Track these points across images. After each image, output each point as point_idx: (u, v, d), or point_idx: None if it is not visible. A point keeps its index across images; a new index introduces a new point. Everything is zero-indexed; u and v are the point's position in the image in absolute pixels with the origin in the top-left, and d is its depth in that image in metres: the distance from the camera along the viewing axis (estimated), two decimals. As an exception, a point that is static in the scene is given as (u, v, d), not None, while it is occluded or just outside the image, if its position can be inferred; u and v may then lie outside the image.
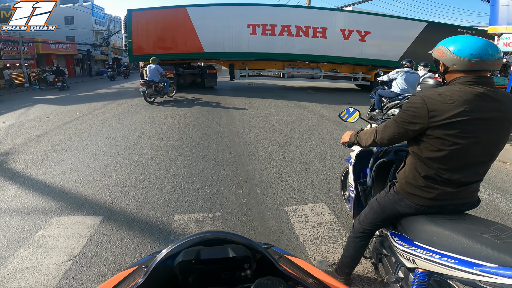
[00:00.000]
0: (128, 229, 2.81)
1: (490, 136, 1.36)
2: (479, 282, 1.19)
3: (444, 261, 1.30)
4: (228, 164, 4.43)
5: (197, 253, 0.83)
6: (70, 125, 7.06)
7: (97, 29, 32.65)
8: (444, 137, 1.35)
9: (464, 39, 1.38)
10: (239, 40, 12.96)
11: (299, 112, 8.78)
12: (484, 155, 1.41)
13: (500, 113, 1.34)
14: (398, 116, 1.46)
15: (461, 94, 1.31)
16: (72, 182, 3.85)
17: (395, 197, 1.60)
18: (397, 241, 1.61)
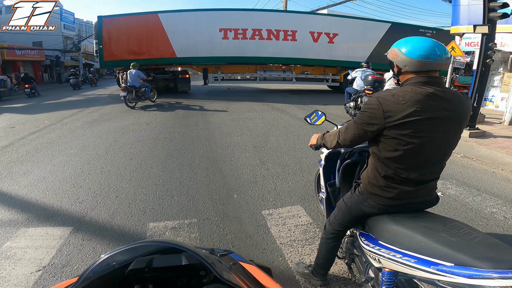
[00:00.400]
0: (100, 239, 2.73)
1: (441, 135, 1.40)
2: (438, 281, 1.22)
3: (405, 260, 1.32)
4: (204, 170, 4.39)
5: (149, 262, 0.83)
6: (37, 135, 6.72)
7: (67, 34, 31.40)
8: (399, 137, 1.38)
9: (414, 40, 1.43)
10: (211, 45, 13.17)
11: (276, 115, 8.88)
12: (438, 153, 1.46)
13: (450, 112, 1.39)
14: (357, 117, 1.51)
15: (413, 95, 1.36)
16: (39, 193, 3.67)
17: (360, 197, 1.64)
18: (364, 241, 1.64)
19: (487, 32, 6.15)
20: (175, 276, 0.86)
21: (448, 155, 1.51)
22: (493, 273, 1.05)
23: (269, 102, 11.59)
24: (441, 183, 3.95)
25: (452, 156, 4.99)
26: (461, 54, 10.58)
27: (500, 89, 9.46)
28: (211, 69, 14.23)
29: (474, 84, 6.63)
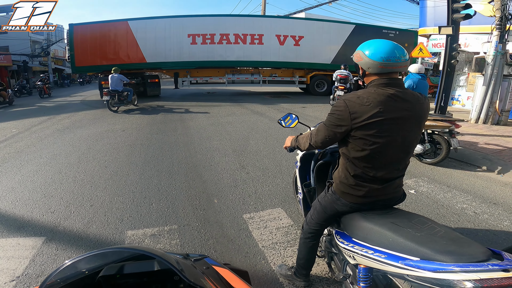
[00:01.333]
0: (75, 248, 2.64)
1: (403, 134, 1.48)
2: (406, 276, 1.27)
3: (376, 256, 1.39)
4: (183, 176, 4.32)
5: (120, 268, 0.82)
6: (4, 144, 6.34)
7: (35, 38, 30.00)
8: (365, 137, 1.45)
9: (376, 43, 1.50)
10: (180, 50, 13.61)
11: (256, 118, 8.92)
12: (401, 151, 1.53)
13: (410, 112, 1.47)
14: (327, 119, 1.57)
15: (375, 96, 1.43)
16: (8, 204, 3.47)
17: (333, 196, 1.69)
18: (339, 239, 1.70)
19: (451, 33, 6.51)
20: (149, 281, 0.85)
21: (411, 153, 1.60)
22: (455, 267, 1.12)
23: (249, 105, 11.64)
24: (414, 181, 4.13)
25: (423, 155, 5.11)
26: (428, 55, 11.13)
27: (466, 89, 10.02)
28: (182, 73, 14.61)
29: (440, 84, 7.00)
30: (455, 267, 1.12)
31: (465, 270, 1.10)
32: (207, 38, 13.59)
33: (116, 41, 13.51)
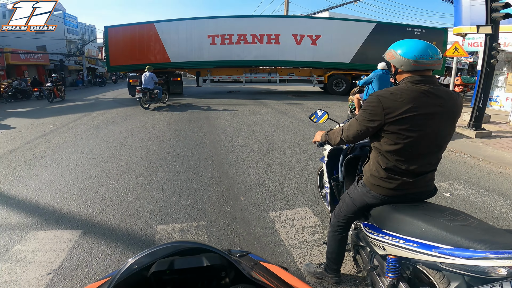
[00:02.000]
0: (109, 242, 2.74)
1: (436, 129, 1.52)
2: (440, 264, 1.28)
3: (408, 246, 1.41)
4: (210, 173, 4.41)
5: (170, 264, 0.83)
6: (44, 139, 6.78)
7: (70, 38, 31.69)
8: (398, 132, 1.49)
9: (409, 42, 1.54)
10: (200, 50, 14.32)
11: (280, 117, 8.89)
12: (434, 146, 1.56)
13: (443, 107, 1.50)
14: (359, 115, 1.60)
15: (409, 93, 1.47)
16: (47, 197, 3.70)
17: (363, 189, 1.72)
18: (368, 230, 1.73)
19: (491, 33, 6.15)
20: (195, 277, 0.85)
21: (443, 147, 1.62)
22: (490, 254, 1.13)
23: (273, 105, 11.63)
24: (449, 184, 3.95)
25: (459, 156, 5.00)
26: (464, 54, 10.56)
27: (504, 89, 9.41)
28: (203, 72, 15.20)
29: (479, 84, 6.62)
30: (490, 253, 1.13)
31: (500, 257, 1.10)
32: (226, 38, 14.13)
33: (144, 42, 14.37)
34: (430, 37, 13.87)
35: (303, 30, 14.19)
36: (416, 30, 14.19)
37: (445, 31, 14.40)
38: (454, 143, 5.84)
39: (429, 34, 14.09)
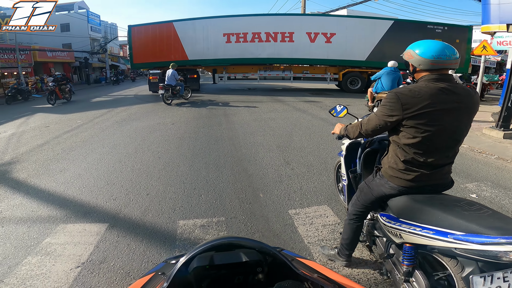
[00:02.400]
0: (134, 236, 2.83)
1: (453, 124, 1.60)
2: (455, 249, 1.36)
3: (424, 233, 1.48)
4: (230, 169, 4.47)
5: (210, 259, 0.85)
6: (71, 134, 7.09)
7: (94, 36, 32.72)
8: (417, 126, 1.58)
9: (427, 43, 1.62)
10: (216, 48, 14.76)
11: (298, 115, 8.84)
12: (451, 140, 1.64)
13: (460, 103, 1.58)
14: (378, 110, 1.70)
15: (427, 90, 1.56)
16: (76, 190, 3.88)
17: (381, 180, 1.82)
18: (385, 220, 1.81)
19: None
20: (231, 273, 0.87)
21: (460, 142, 1.71)
22: (501, 239, 1.20)
23: (290, 102, 11.57)
24: (475, 185, 3.82)
25: (486, 157, 4.84)
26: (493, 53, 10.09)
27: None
28: (219, 69, 15.71)
29: (508, 83, 6.32)
30: (502, 239, 1.20)
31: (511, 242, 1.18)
32: (240, 37, 14.50)
33: (164, 41, 14.95)
34: (453, 35, 13.35)
35: (317, 28, 14.19)
36: (437, 28, 13.68)
37: (469, 29, 13.73)
38: (481, 144, 5.62)
39: (451, 32, 13.59)
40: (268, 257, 0.91)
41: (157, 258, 2.49)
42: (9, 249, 2.64)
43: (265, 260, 0.89)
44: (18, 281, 2.23)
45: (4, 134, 7.47)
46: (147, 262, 2.44)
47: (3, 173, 4.58)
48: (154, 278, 0.99)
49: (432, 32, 13.34)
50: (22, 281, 2.23)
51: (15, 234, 2.89)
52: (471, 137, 6.02)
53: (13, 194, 3.82)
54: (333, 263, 2.31)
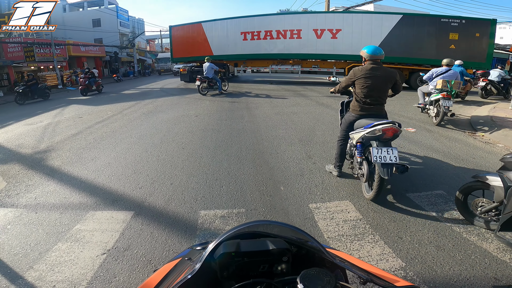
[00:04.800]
0: (157, 224, 2.93)
1: (376, 83, 3.30)
2: (365, 134, 3.16)
3: (360, 131, 3.24)
4: (251, 162, 4.50)
5: (237, 246, 0.84)
6: (102, 124, 7.43)
7: (122, 31, 33.78)
8: (360, 83, 3.32)
9: (370, 47, 3.34)
10: (235, 45, 16.72)
11: (321, 110, 8.68)
12: (376, 91, 3.33)
13: (380, 73, 3.29)
14: (347, 76, 3.49)
15: (366, 67, 3.31)
16: (105, 178, 4.08)
17: (349, 113, 3.60)
18: (351, 133, 3.55)
19: None
20: (257, 261, 0.85)
21: (384, 94, 3.40)
22: (374, 123, 3.10)
23: (313, 97, 11.38)
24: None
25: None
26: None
27: None
28: (239, 63, 17.67)
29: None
30: (373, 123, 3.12)
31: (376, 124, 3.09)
32: (255, 34, 16.15)
33: (195, 38, 17.58)
34: (472, 29, 12.56)
35: (323, 24, 14.81)
36: (453, 21, 12.89)
37: (492, 22, 12.66)
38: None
39: (470, 25, 12.73)
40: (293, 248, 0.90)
41: (178, 247, 2.56)
42: (41, 235, 2.79)
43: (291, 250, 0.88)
44: (47, 267, 2.33)
45: (41, 124, 7.97)
46: (168, 251, 2.51)
47: (39, 161, 4.90)
48: (181, 263, 1.01)
49: (447, 25, 12.81)
50: (51, 267, 2.33)
51: (48, 220, 3.06)
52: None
53: (48, 181, 4.08)
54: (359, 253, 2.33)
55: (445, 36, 12.82)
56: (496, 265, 2.24)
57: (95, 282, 2.17)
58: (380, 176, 2.95)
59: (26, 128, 7.54)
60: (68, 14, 33.35)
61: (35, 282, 2.18)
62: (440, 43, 12.92)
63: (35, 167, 4.60)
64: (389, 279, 0.88)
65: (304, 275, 0.71)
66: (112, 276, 2.23)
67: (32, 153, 5.36)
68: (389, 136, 3.04)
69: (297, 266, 0.83)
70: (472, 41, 12.59)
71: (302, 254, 0.91)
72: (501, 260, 2.27)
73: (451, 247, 2.44)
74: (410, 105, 8.99)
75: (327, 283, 0.69)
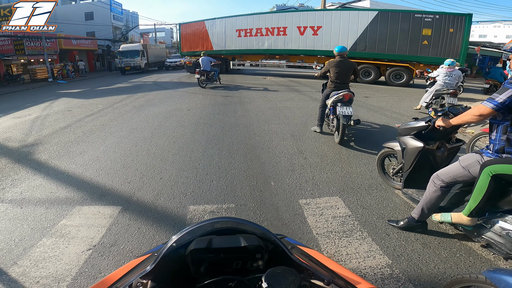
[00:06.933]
0: (145, 219, 2.89)
1: (343, 70, 5.05)
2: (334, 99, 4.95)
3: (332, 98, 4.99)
4: (243, 156, 4.46)
5: (209, 242, 0.83)
6: (92, 118, 7.31)
7: (116, 24, 33.25)
8: (332, 70, 5.08)
9: (339, 47, 5.12)
10: (231, 41, 18.42)
11: (314, 105, 8.61)
12: (342, 75, 5.08)
13: (345, 64, 5.07)
14: (324, 67, 5.23)
15: (336, 60, 5.09)
16: (93, 172, 4.00)
17: (326, 89, 5.30)
18: (327, 101, 5.17)
19: None
20: (230, 258, 0.85)
21: (348, 76, 5.15)
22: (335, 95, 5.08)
23: (307, 92, 11.35)
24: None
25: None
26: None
27: None
28: (236, 57, 19.11)
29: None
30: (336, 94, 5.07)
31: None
32: (247, 32, 17.56)
33: (199, 35, 19.74)
34: (446, 24, 12.51)
35: (306, 22, 15.64)
36: (427, 17, 12.89)
37: (468, 17, 12.39)
38: None
39: (444, 21, 12.60)
40: (269, 244, 0.89)
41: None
42: (26, 231, 2.73)
43: (266, 247, 0.87)
44: (31, 263, 2.28)
45: (29, 117, 7.81)
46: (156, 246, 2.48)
47: (26, 155, 4.80)
48: (149, 259, 0.99)
49: (419, 20, 12.85)
50: (35, 263, 2.28)
51: (33, 216, 2.99)
52: None
53: (34, 175, 3.99)
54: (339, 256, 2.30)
55: (418, 32, 12.84)
56: (480, 263, 2.25)
57: (79, 278, 2.13)
58: (342, 124, 4.67)
59: (14, 122, 7.38)
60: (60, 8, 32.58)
61: (18, 278, 2.14)
62: (413, 39, 12.97)
63: (21, 161, 4.50)
64: (352, 280, 0.89)
65: (269, 273, 0.71)
66: (97, 272, 2.19)
67: (19, 146, 5.25)
68: (346, 99, 4.85)
69: (273, 264, 0.81)
70: (446, 37, 12.56)
71: (278, 251, 0.89)
72: (485, 259, 2.29)
73: (437, 245, 2.44)
74: (402, 103, 9.04)
75: (291, 282, 0.69)
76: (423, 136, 2.83)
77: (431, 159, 2.82)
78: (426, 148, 2.75)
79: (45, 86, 16.17)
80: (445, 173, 2.29)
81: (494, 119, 2.03)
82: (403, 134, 2.98)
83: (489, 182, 1.93)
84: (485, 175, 1.95)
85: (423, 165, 2.80)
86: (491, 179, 1.92)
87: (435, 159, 2.83)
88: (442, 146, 2.83)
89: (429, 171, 2.57)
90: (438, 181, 2.31)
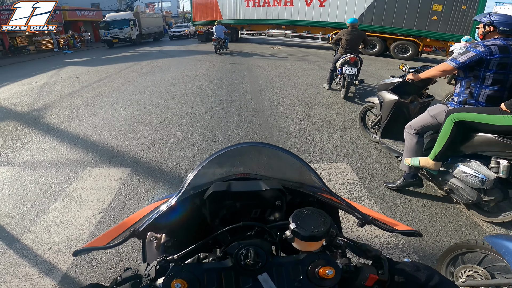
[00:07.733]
0: (153, 181, 2.88)
1: (354, 39, 5.63)
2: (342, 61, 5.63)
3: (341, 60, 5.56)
4: (251, 120, 4.42)
5: (228, 186, 0.79)
6: (100, 83, 7.26)
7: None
8: (344, 38, 5.68)
9: (350, 19, 5.74)
10: (240, 11, 18.68)
11: (323, 74, 8.33)
12: (353, 43, 5.64)
13: (356, 33, 5.65)
14: (337, 35, 5.91)
15: (347, 30, 5.69)
16: (102, 134, 4.02)
17: (337, 54, 5.88)
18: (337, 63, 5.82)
19: None
20: (249, 205, 0.80)
21: (358, 44, 5.70)
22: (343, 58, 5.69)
23: (316, 62, 10.97)
24: None
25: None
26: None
27: None
28: (245, 27, 19.39)
29: None
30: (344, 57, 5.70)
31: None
32: (256, 2, 17.78)
33: (209, 4, 20.04)
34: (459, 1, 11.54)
35: None
36: None
37: None
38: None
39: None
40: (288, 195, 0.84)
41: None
42: (38, 195, 2.73)
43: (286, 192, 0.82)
44: (43, 229, 2.28)
45: (37, 84, 7.80)
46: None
47: (35, 118, 4.83)
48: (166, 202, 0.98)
49: None
50: (47, 229, 2.28)
51: (45, 179, 2.99)
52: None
53: (44, 137, 4.03)
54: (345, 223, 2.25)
55: (428, 7, 12.07)
56: (485, 238, 2.22)
57: (90, 243, 2.17)
58: (347, 81, 5.38)
59: (22, 88, 7.39)
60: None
61: (31, 244, 2.12)
62: (422, 14, 12.23)
63: (31, 124, 4.55)
64: (390, 222, 0.84)
65: (297, 214, 0.64)
66: (108, 237, 2.22)
67: (29, 111, 5.29)
68: (352, 61, 5.37)
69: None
70: (457, 14, 11.80)
71: (296, 202, 0.86)
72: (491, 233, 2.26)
73: (444, 217, 2.40)
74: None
75: (321, 223, 0.61)
76: (399, 91, 3.15)
77: (405, 112, 3.14)
78: (400, 101, 3.09)
79: (51, 56, 16.02)
80: (416, 122, 2.58)
81: (458, 76, 2.33)
82: (381, 89, 3.31)
83: (452, 128, 2.17)
84: (449, 122, 2.19)
85: (398, 117, 3.13)
86: (454, 125, 2.16)
87: (408, 112, 3.13)
88: (415, 100, 3.16)
89: (403, 123, 2.78)
90: (411, 130, 2.60)
